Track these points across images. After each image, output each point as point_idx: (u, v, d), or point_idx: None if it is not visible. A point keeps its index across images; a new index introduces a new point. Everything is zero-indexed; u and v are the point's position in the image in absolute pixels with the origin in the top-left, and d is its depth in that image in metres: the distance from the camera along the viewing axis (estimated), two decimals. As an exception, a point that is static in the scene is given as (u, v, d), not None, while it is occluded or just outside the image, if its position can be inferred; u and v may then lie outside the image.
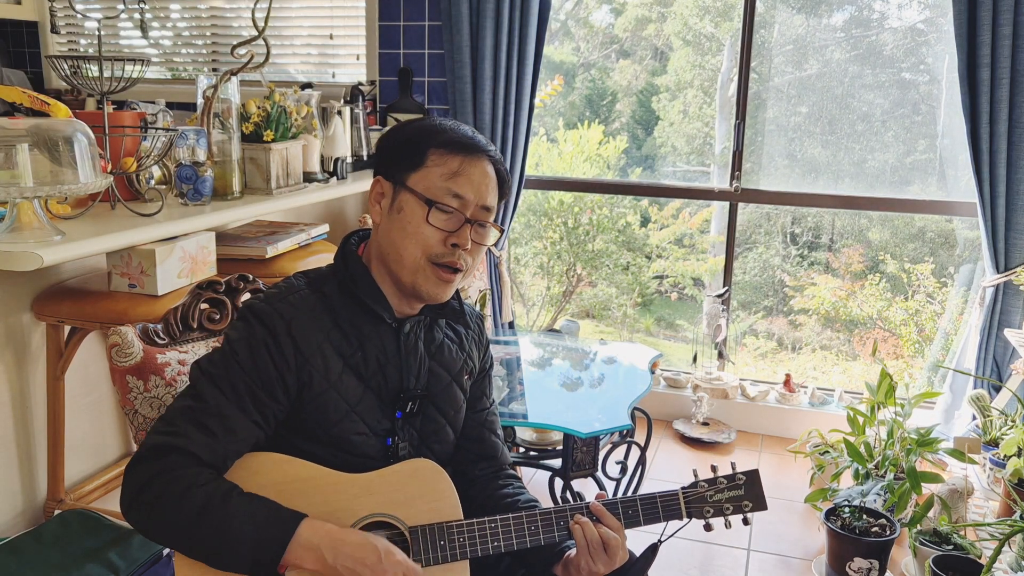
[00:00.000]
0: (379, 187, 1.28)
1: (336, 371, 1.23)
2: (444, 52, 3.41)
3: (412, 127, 1.29)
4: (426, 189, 1.23)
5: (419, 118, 1.35)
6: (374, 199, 1.28)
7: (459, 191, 1.23)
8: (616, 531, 1.24)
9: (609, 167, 4.81)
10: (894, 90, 4.04)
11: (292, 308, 1.22)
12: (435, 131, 1.26)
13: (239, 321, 1.24)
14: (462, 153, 1.24)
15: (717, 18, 4.78)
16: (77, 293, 2.08)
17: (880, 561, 2.23)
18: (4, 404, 2.11)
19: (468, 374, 1.40)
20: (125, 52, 4.10)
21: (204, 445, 1.14)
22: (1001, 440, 2.71)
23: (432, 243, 1.23)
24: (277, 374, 1.19)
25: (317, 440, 1.23)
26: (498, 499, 1.39)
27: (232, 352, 1.19)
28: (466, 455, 1.43)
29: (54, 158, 1.68)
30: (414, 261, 1.24)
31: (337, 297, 1.26)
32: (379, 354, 1.27)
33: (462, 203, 1.23)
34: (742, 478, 1.31)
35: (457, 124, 1.29)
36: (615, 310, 5.13)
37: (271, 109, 2.47)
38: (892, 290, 4.49)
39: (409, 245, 1.23)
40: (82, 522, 1.87)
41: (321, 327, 1.23)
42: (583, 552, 1.23)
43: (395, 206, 1.25)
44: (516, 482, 1.44)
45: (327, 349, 1.22)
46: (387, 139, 1.31)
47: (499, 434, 1.48)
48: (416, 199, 1.23)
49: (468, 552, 1.21)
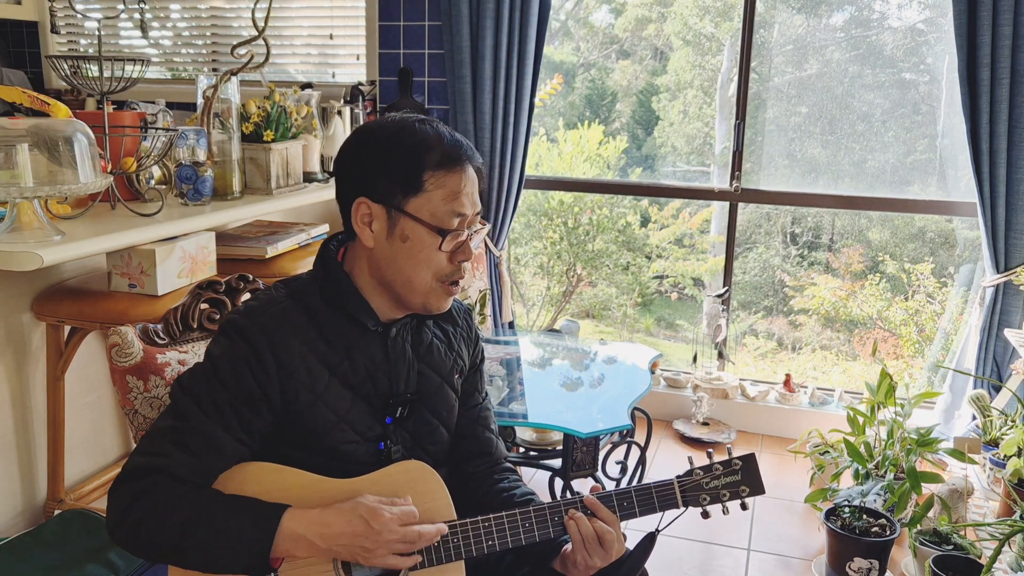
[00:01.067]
0: (365, 208, 1.21)
1: (322, 382, 1.21)
2: (444, 52, 3.41)
3: (391, 144, 1.21)
4: (432, 216, 1.20)
5: (389, 127, 1.23)
6: (360, 221, 1.22)
7: (461, 210, 1.21)
8: (611, 524, 1.23)
9: (609, 167, 4.81)
10: (894, 90, 4.04)
11: (273, 321, 1.20)
12: (423, 148, 1.19)
13: (221, 337, 1.21)
14: (456, 169, 1.20)
15: (717, 18, 4.78)
16: (77, 293, 2.08)
17: (880, 561, 2.23)
18: (4, 404, 2.11)
19: (459, 373, 1.39)
20: (125, 52, 4.10)
21: (187, 465, 1.13)
22: (1001, 440, 2.71)
23: (443, 266, 1.22)
24: (260, 391, 1.17)
25: (309, 449, 1.22)
26: (495, 495, 1.38)
27: (213, 369, 1.18)
28: (461, 453, 1.43)
29: (54, 158, 1.68)
30: (425, 285, 1.23)
31: (320, 306, 1.24)
32: (367, 361, 1.25)
33: (463, 220, 1.22)
34: (738, 463, 1.29)
35: (436, 128, 1.22)
36: (615, 310, 5.14)
37: (271, 109, 2.47)
38: (892, 290, 4.49)
39: (421, 272, 1.22)
40: (82, 522, 1.87)
41: (304, 339, 1.21)
42: (579, 547, 1.23)
43: (396, 233, 1.20)
44: (512, 476, 1.44)
45: (311, 361, 1.21)
46: (359, 156, 1.23)
47: (493, 429, 1.47)
48: (424, 228, 1.20)
49: (463, 552, 1.21)
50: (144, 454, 1.14)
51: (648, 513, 1.28)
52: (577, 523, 1.23)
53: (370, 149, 1.23)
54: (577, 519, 1.23)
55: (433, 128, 1.23)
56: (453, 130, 1.26)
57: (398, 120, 1.24)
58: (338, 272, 1.26)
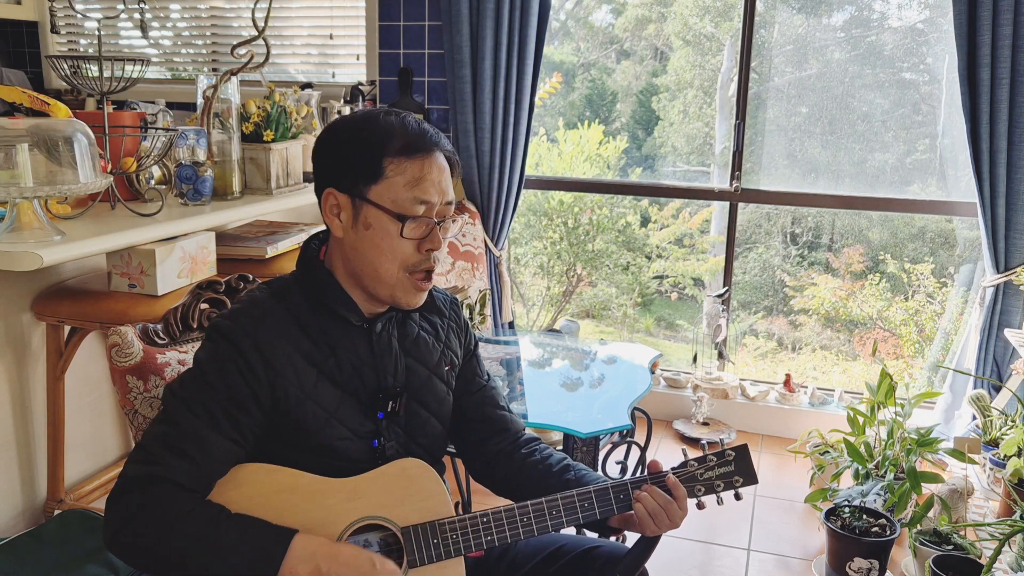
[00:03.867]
0: (333, 199, 1.23)
1: (310, 380, 1.22)
2: (444, 52, 3.41)
3: (355, 134, 1.22)
4: (393, 203, 1.20)
5: (355, 118, 1.25)
6: (329, 212, 1.23)
7: (424, 197, 1.21)
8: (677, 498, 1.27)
9: (609, 167, 4.81)
10: (894, 90, 4.04)
11: (256, 322, 1.20)
12: (385, 136, 1.20)
13: (207, 341, 1.22)
14: (418, 155, 1.21)
15: (717, 18, 4.78)
16: (77, 293, 2.08)
17: (880, 561, 2.23)
18: (4, 404, 2.11)
19: (449, 364, 1.39)
20: (125, 52, 4.10)
21: (183, 471, 1.13)
22: (1001, 440, 2.71)
23: (408, 254, 1.22)
24: (249, 390, 1.17)
25: (301, 448, 1.22)
26: (531, 467, 1.38)
27: (201, 373, 1.18)
28: (477, 436, 1.43)
29: (54, 158, 1.68)
30: (391, 275, 1.23)
31: (303, 305, 1.24)
32: (353, 358, 1.25)
33: (429, 207, 1.22)
34: (731, 454, 1.31)
35: (401, 119, 1.23)
36: (615, 310, 5.14)
37: (271, 109, 2.47)
38: (892, 290, 4.49)
39: (385, 261, 1.22)
40: (82, 522, 1.87)
41: (289, 338, 1.21)
42: (646, 521, 1.26)
43: (360, 221, 1.21)
44: (539, 444, 1.43)
45: (297, 360, 1.21)
46: (327, 148, 1.25)
47: (503, 406, 1.47)
48: (385, 214, 1.20)
49: (462, 548, 1.21)
50: (140, 463, 1.14)
51: None
52: (643, 503, 1.25)
53: (337, 140, 1.24)
54: (642, 499, 1.25)
55: (398, 118, 1.23)
56: (423, 121, 1.26)
57: (364, 112, 1.26)
58: (319, 269, 1.27)
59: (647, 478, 1.29)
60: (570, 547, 1.37)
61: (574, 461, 1.38)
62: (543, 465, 1.37)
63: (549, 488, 1.30)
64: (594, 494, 1.26)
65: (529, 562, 1.37)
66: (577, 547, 1.36)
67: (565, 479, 1.34)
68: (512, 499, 1.31)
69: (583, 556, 1.34)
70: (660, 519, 1.25)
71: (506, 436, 1.44)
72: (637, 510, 1.25)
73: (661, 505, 1.25)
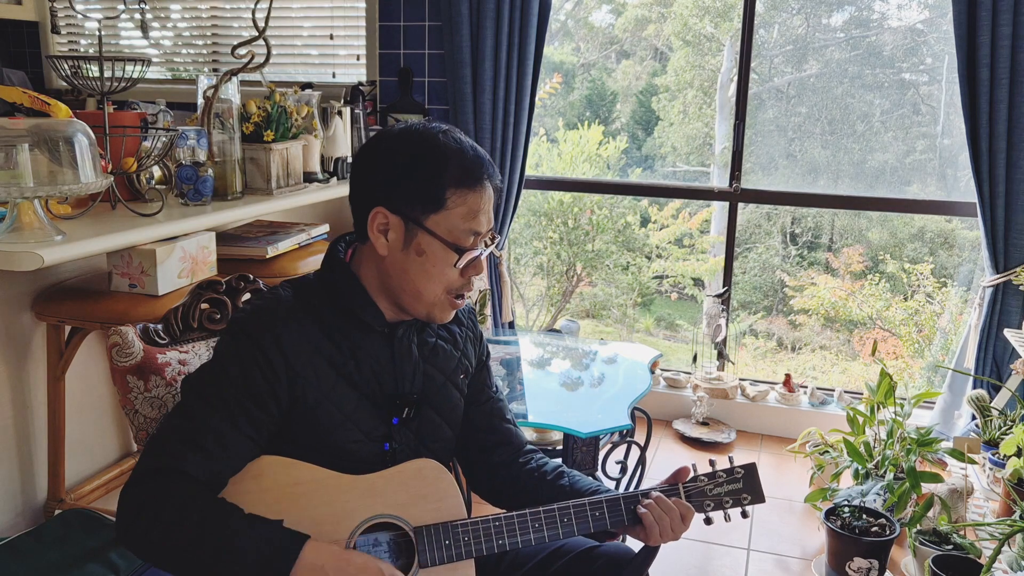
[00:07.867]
0: (383, 218, 1.21)
1: (329, 382, 1.22)
2: (444, 52, 3.41)
3: (413, 155, 1.20)
4: (449, 233, 1.20)
5: (410, 136, 1.22)
6: (376, 230, 1.21)
7: (477, 228, 1.22)
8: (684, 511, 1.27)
9: (609, 167, 4.82)
10: (894, 90, 4.04)
11: (280, 321, 1.20)
12: (445, 161, 1.19)
13: (228, 336, 1.22)
14: (476, 186, 1.20)
15: (717, 18, 4.79)
16: (77, 293, 2.08)
17: (880, 561, 2.23)
18: (4, 404, 2.11)
19: (464, 373, 1.40)
20: (125, 52, 4.10)
21: (199, 464, 1.13)
22: (1001, 440, 2.71)
23: (454, 280, 1.23)
24: (268, 387, 1.18)
25: (313, 447, 1.23)
26: (527, 475, 1.39)
27: (222, 368, 1.18)
28: (482, 445, 1.44)
29: (54, 158, 1.68)
30: (434, 296, 1.24)
31: (325, 307, 1.24)
32: (372, 362, 1.26)
33: (478, 238, 1.23)
34: (740, 471, 1.32)
35: (459, 142, 1.21)
36: (615, 310, 5.14)
37: (271, 109, 2.47)
38: (892, 290, 4.49)
39: (432, 285, 1.22)
40: (82, 522, 1.87)
41: (310, 339, 1.21)
42: (652, 530, 1.26)
43: (412, 246, 1.21)
44: (537, 455, 1.44)
45: (317, 361, 1.21)
46: (378, 164, 1.22)
47: (509, 419, 1.48)
48: (441, 244, 1.20)
49: (473, 551, 1.22)
50: (156, 455, 1.14)
51: None
52: (652, 513, 1.26)
53: (392, 158, 1.22)
54: (651, 507, 1.26)
55: (456, 141, 1.22)
56: (475, 144, 1.25)
57: (421, 130, 1.23)
58: (345, 273, 1.27)
59: (658, 489, 1.30)
60: (570, 547, 1.37)
61: (569, 468, 1.40)
62: (538, 472, 1.39)
63: (543, 495, 1.32)
64: (605, 504, 1.27)
65: (529, 561, 1.38)
66: (577, 547, 1.36)
67: (559, 485, 1.35)
68: (505, 508, 1.32)
69: (583, 556, 1.35)
70: (665, 531, 1.26)
71: (509, 449, 1.45)
72: (645, 520, 1.26)
73: (670, 519, 1.25)
